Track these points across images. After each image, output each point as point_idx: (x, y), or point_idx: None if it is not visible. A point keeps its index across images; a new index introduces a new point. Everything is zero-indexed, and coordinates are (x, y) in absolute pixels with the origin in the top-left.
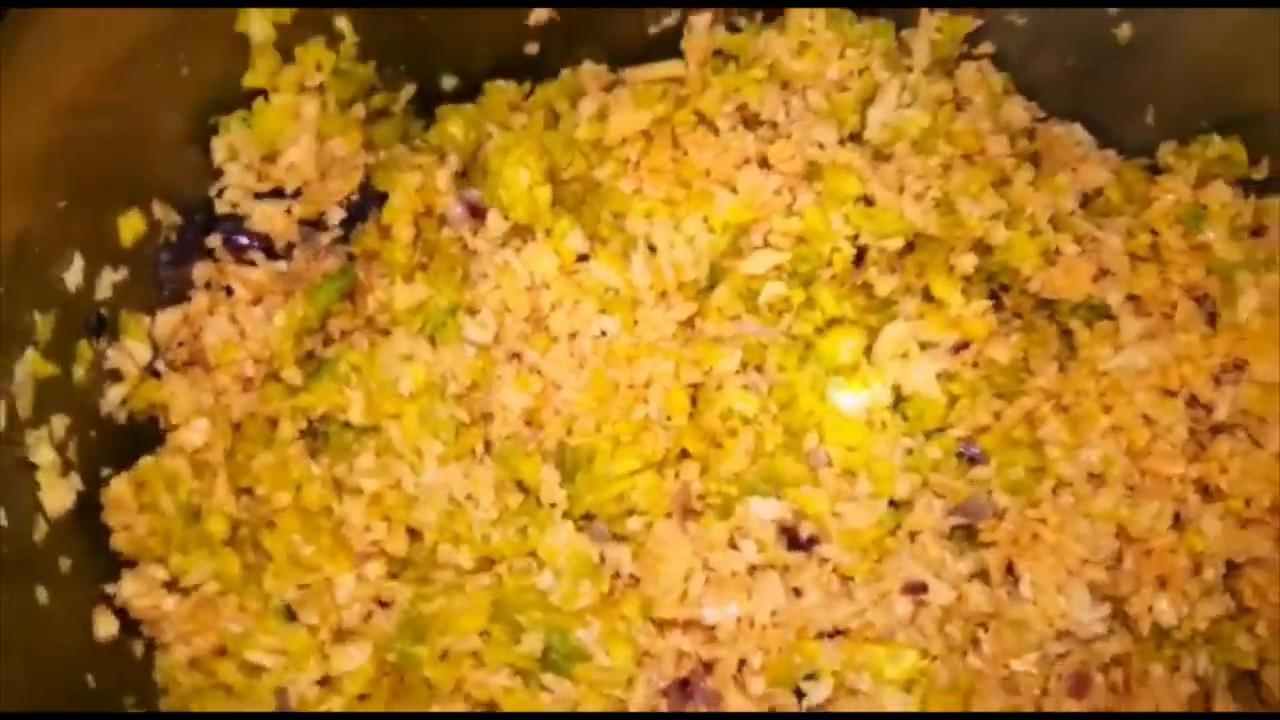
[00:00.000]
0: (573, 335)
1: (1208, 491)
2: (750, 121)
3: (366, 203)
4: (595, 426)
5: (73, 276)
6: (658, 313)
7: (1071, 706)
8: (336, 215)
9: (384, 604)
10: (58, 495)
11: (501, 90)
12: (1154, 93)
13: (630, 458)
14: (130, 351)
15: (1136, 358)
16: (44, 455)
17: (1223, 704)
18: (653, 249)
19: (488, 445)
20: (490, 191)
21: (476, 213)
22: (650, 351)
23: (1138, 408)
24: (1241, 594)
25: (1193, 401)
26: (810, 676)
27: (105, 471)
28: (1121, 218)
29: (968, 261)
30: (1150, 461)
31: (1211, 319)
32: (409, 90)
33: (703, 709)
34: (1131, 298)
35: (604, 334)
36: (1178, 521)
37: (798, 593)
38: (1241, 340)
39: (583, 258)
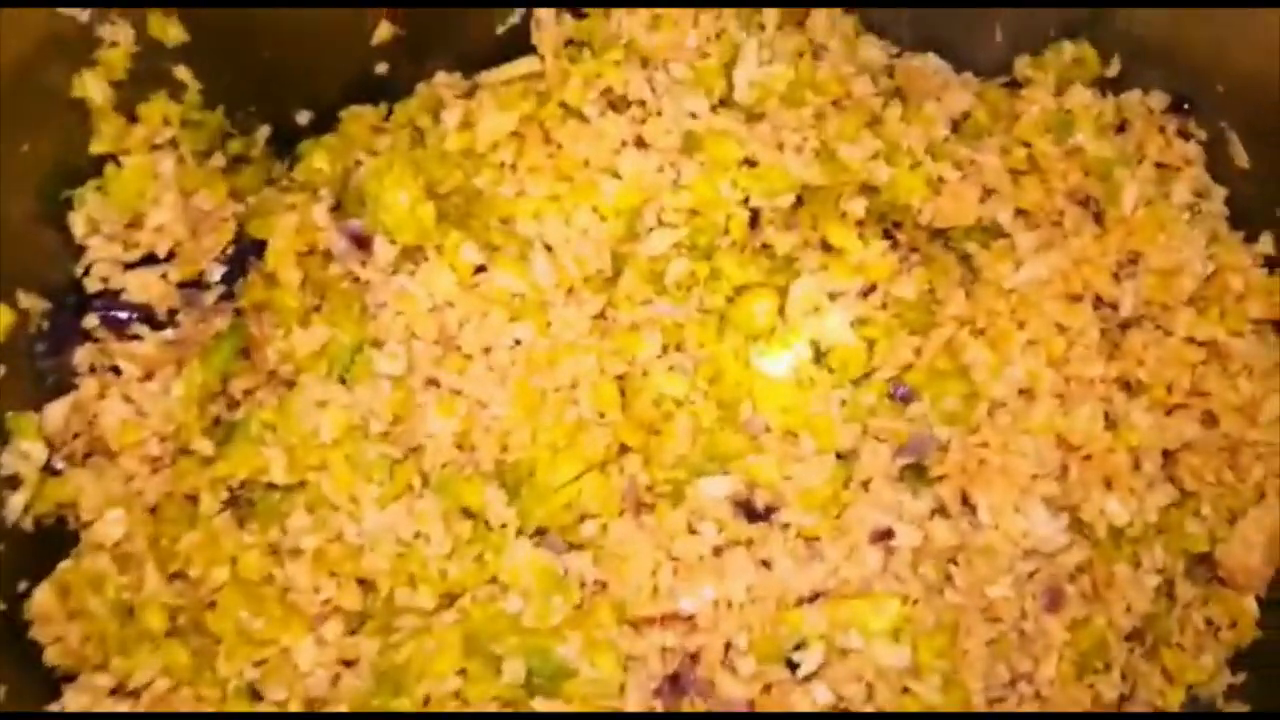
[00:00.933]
0: (487, 350)
1: (1129, 387)
2: (618, 104)
3: (243, 253)
4: (530, 438)
5: None
6: (569, 310)
7: (1050, 623)
8: (216, 271)
9: (349, 663)
10: None
11: (359, 115)
12: (997, 9)
13: (571, 462)
14: (25, 453)
15: (1037, 269)
16: None
17: (1184, 591)
18: (549, 248)
19: (424, 478)
20: (372, 218)
21: (361, 243)
22: (569, 351)
23: (1048, 317)
24: (1181, 480)
25: (1098, 302)
26: (799, 646)
27: (22, 585)
28: (993, 137)
29: (858, 205)
30: (1071, 368)
31: (1098, 218)
32: (264, 131)
33: (698, 701)
34: (1020, 212)
35: (519, 342)
36: (1109, 421)
37: (767, 564)
38: (1131, 234)
39: (480, 269)
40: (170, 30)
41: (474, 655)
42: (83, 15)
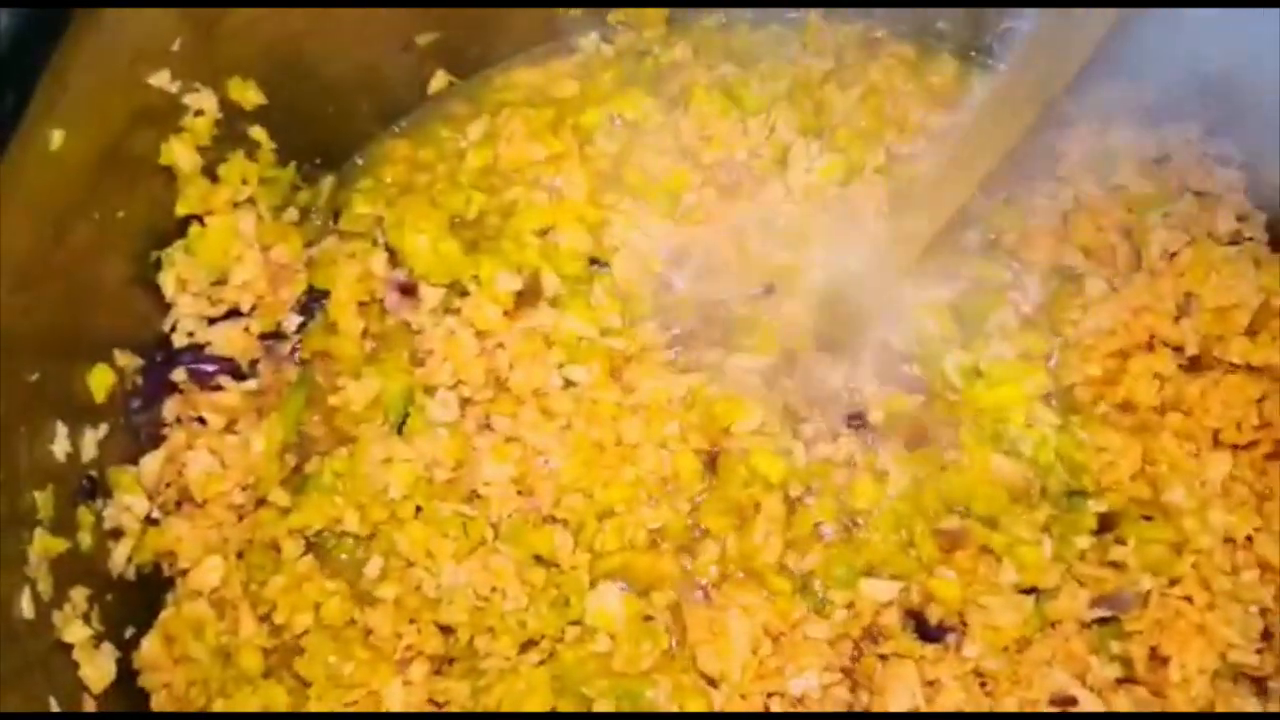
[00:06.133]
0: (537, 392)
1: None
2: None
3: (311, 300)
4: (584, 497)
5: (60, 445)
6: (638, 365)
7: None
8: (293, 321)
9: (439, 704)
10: (98, 669)
11: (394, 155)
12: None
13: (616, 536)
14: (127, 506)
15: (1100, 319)
16: (76, 633)
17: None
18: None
19: (495, 529)
20: (409, 267)
21: (408, 291)
22: (649, 413)
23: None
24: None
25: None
26: None
27: (129, 632)
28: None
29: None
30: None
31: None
32: (329, 181)
33: None
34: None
35: (569, 384)
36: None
37: (933, 686)
38: (1181, 275)
39: (521, 297)
40: (249, 94)
41: (563, 695)
42: (171, 86)
